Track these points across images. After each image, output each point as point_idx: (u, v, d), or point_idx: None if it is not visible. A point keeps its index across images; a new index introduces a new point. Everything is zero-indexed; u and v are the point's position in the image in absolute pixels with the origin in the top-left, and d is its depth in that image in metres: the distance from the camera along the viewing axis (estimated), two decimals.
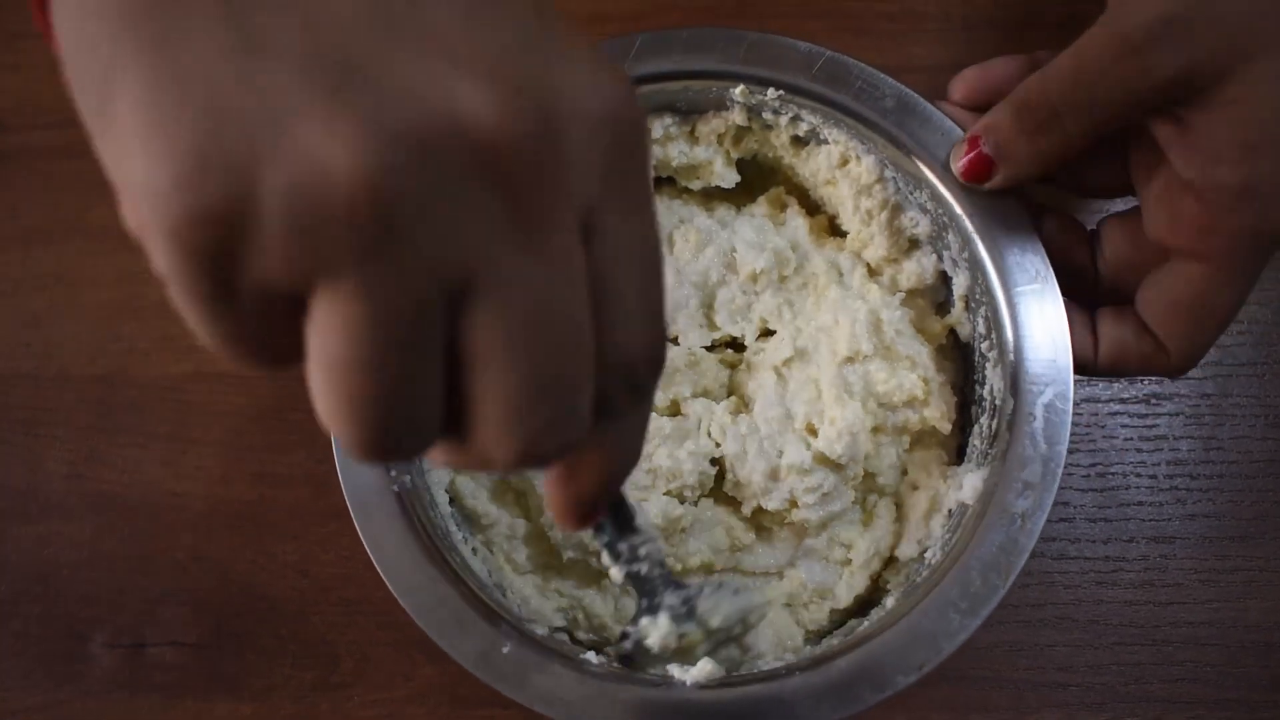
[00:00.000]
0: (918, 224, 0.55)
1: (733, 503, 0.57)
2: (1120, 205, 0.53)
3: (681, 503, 0.55)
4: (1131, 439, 0.66)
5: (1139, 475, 0.65)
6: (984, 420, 0.53)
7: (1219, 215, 0.43)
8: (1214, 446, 0.66)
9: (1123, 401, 0.67)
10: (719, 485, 0.57)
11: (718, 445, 0.55)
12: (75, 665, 0.63)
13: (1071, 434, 0.67)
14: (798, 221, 0.60)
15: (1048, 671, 0.62)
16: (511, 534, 0.55)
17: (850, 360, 0.56)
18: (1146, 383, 0.67)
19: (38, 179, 0.75)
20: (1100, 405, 0.67)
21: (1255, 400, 0.67)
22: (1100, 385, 0.67)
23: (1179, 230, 0.45)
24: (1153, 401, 0.67)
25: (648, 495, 0.54)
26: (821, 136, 0.56)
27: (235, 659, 0.63)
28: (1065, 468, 0.65)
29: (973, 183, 0.50)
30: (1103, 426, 0.67)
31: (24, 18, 0.79)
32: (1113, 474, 0.65)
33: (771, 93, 0.54)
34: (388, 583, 0.46)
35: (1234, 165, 0.42)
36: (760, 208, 0.61)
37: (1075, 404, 0.67)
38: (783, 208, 0.61)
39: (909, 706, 0.61)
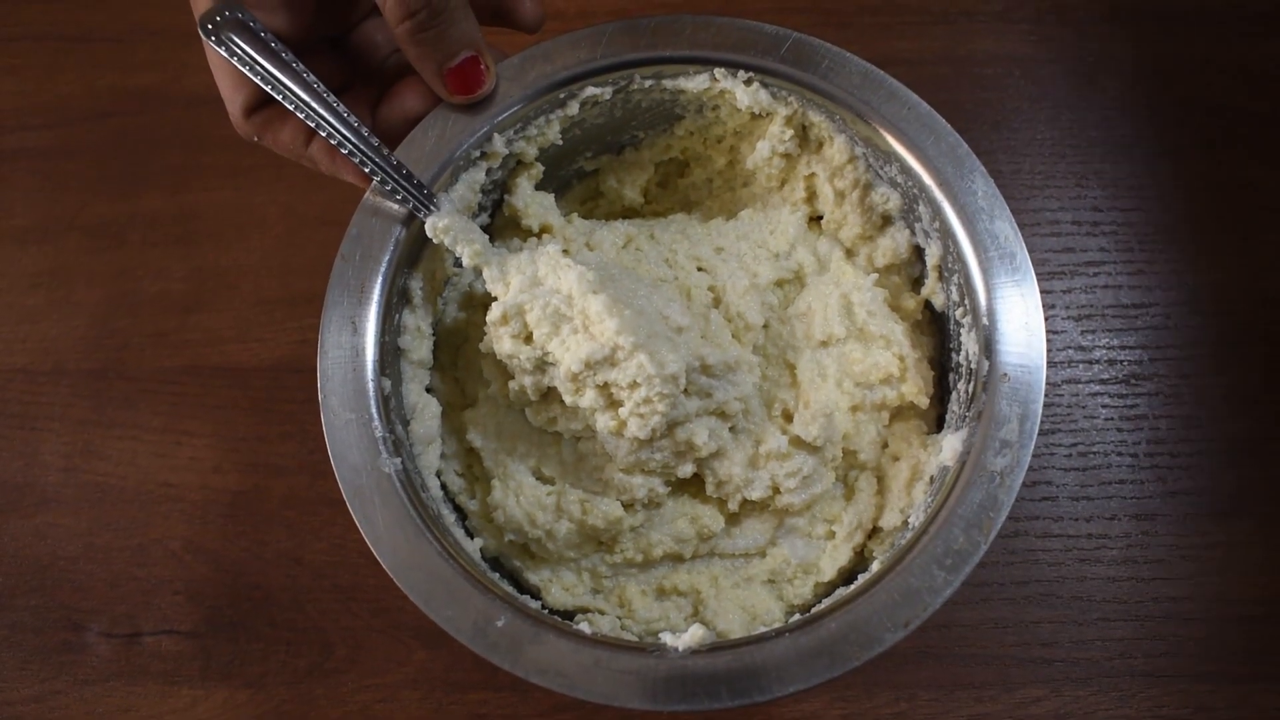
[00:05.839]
0: (889, 199, 0.56)
1: (700, 493, 0.58)
2: None
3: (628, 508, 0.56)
4: (1112, 419, 0.67)
5: (1120, 454, 0.66)
6: (961, 385, 0.53)
7: None
8: (1193, 425, 0.67)
9: (1103, 383, 0.68)
10: (699, 488, 0.57)
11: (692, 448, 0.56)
12: (72, 655, 0.64)
13: (1053, 415, 0.68)
14: (799, 215, 0.61)
15: (1033, 647, 0.62)
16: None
17: (825, 344, 0.57)
18: (1127, 364, 0.68)
19: (33, 179, 0.76)
20: (1081, 386, 0.68)
21: (1233, 379, 0.68)
22: (1080, 367, 0.68)
23: None
24: (1133, 382, 0.68)
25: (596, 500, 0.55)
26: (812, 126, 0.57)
27: (230, 646, 0.64)
28: (1047, 449, 0.67)
29: None
30: (1084, 407, 0.68)
31: (19, 20, 0.81)
32: (1094, 453, 0.66)
33: (742, 74, 0.55)
34: (380, 560, 0.47)
35: None
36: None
37: (1056, 385, 0.69)
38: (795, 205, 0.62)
39: (896, 684, 0.62)
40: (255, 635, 0.64)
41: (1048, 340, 0.49)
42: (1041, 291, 0.50)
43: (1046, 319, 0.51)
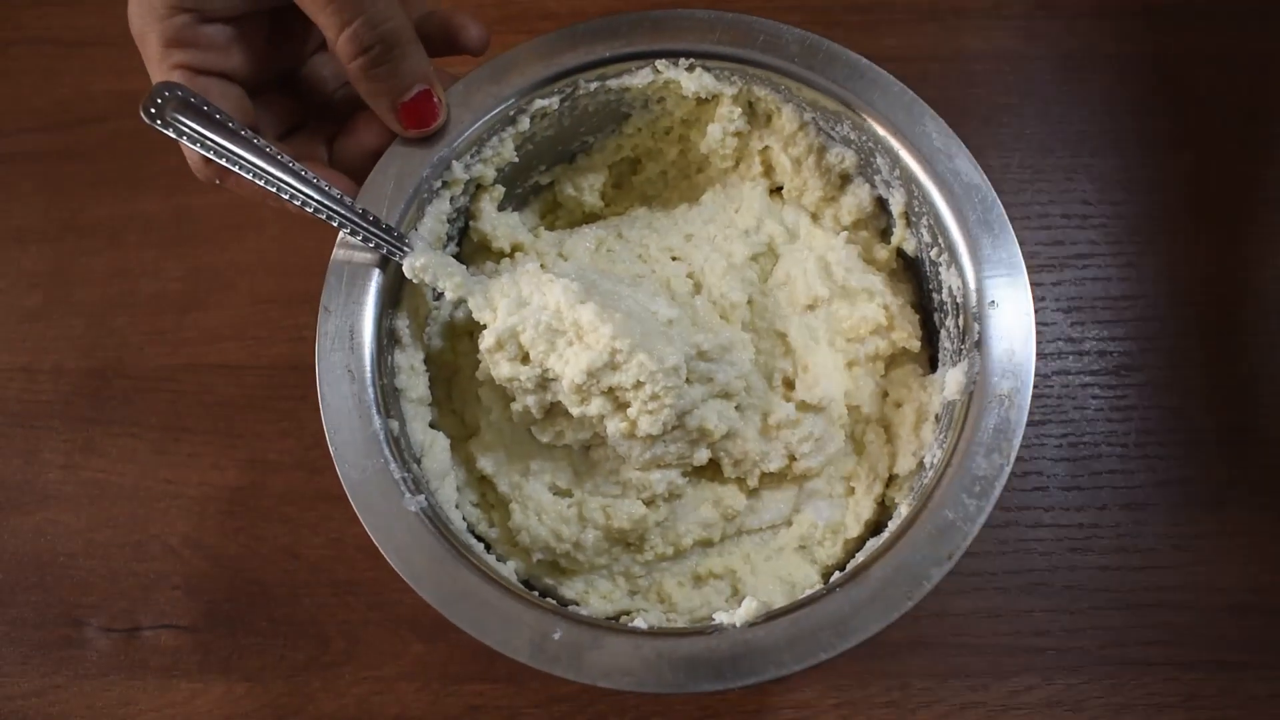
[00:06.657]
0: (844, 158, 0.57)
1: (718, 476, 0.58)
2: None
3: (649, 505, 0.56)
4: (1102, 410, 0.68)
5: (1110, 445, 0.67)
6: (949, 322, 0.54)
7: None
8: (1183, 415, 0.67)
9: (1093, 374, 0.69)
10: (716, 472, 0.58)
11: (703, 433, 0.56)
12: (72, 650, 0.65)
13: (1043, 406, 0.69)
14: (759, 189, 0.62)
15: (1025, 636, 0.63)
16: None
17: (810, 308, 0.58)
18: (1116, 355, 0.69)
19: (31, 181, 0.77)
20: (1071, 378, 0.68)
21: (1221, 369, 0.68)
22: (1070, 358, 0.69)
23: None
24: (1122, 373, 0.68)
25: (617, 503, 0.56)
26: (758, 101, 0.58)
27: (228, 640, 0.64)
28: (1038, 439, 0.68)
29: None
30: (1074, 398, 0.68)
31: (16, 25, 0.82)
32: (1085, 444, 0.67)
33: (683, 62, 0.56)
34: (425, 597, 0.46)
35: None
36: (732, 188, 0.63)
37: (1046, 377, 0.69)
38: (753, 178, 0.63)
39: (889, 673, 0.62)
40: (253, 629, 0.64)
41: (1038, 332, 0.50)
42: (1032, 284, 0.51)
43: (1036, 311, 0.52)
